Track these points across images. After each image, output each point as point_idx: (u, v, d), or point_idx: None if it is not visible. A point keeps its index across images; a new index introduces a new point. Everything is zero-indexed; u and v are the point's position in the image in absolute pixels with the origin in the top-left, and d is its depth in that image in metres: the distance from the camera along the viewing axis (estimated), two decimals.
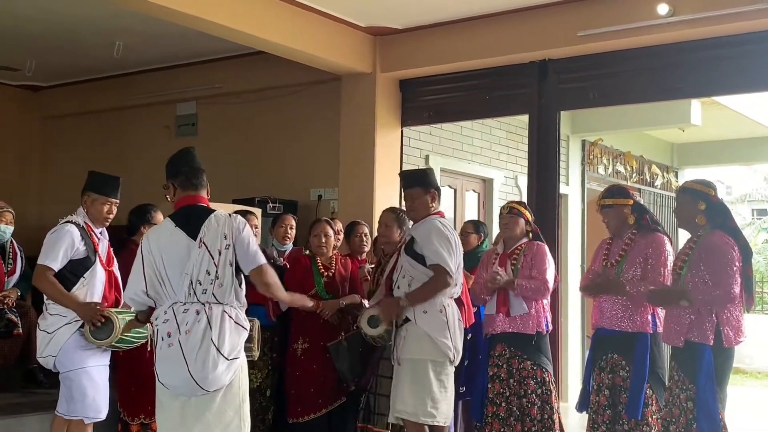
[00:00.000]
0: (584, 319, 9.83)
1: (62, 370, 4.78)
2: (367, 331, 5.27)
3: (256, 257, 4.08)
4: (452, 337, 5.02)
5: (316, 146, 8.43)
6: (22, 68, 9.31)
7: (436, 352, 4.99)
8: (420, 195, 5.23)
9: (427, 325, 4.99)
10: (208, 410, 3.95)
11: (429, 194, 5.22)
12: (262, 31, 7.00)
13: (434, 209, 5.24)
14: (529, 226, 5.84)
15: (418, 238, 5.08)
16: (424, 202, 5.22)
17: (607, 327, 5.12)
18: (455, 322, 5.08)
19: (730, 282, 4.53)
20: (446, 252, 4.99)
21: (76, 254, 4.79)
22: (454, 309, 5.11)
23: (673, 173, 12.50)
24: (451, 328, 5.03)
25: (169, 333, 3.94)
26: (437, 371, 5.02)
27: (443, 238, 5.02)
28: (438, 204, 5.28)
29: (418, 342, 5.00)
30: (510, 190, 9.73)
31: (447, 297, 5.08)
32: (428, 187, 5.25)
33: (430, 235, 5.04)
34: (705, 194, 4.73)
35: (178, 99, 9.40)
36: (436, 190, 5.26)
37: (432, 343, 4.98)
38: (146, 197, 6.35)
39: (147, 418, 5.56)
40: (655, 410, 4.98)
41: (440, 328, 4.99)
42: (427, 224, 5.12)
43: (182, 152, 4.27)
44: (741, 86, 6.97)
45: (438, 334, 4.98)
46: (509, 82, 7.63)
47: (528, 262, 5.65)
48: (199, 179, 4.17)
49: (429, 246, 5.01)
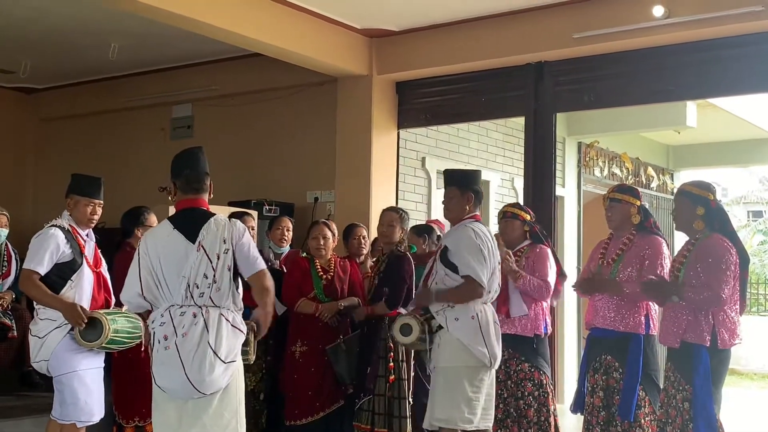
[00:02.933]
0: (581, 321, 9.83)
1: (55, 374, 4.77)
2: (399, 339, 5.18)
3: (256, 262, 4.08)
4: (487, 342, 4.89)
5: (313, 148, 8.43)
6: (16, 70, 9.28)
7: (469, 358, 4.88)
8: (456, 195, 5.08)
9: (460, 333, 4.88)
10: (204, 413, 3.95)
11: (465, 196, 5.06)
12: (258, 33, 7.00)
13: (469, 212, 5.07)
14: (527, 226, 5.79)
15: (451, 246, 4.97)
16: (460, 204, 5.07)
17: (600, 326, 5.11)
18: (490, 326, 4.94)
19: (721, 285, 4.51)
20: (476, 262, 4.85)
21: (62, 257, 4.77)
22: (488, 314, 4.98)
23: (669, 175, 12.51)
24: (485, 333, 4.90)
25: (165, 336, 3.93)
26: (471, 377, 4.89)
27: (473, 248, 4.88)
28: (475, 208, 5.10)
29: (451, 349, 4.90)
30: (506, 192, 9.74)
31: (480, 303, 4.96)
32: (465, 188, 5.08)
33: (460, 244, 4.92)
34: (704, 199, 4.70)
35: (173, 101, 9.39)
36: (474, 193, 5.08)
37: (465, 350, 4.87)
38: (142, 199, 6.34)
39: (142, 420, 5.55)
40: (648, 412, 4.98)
41: (473, 334, 4.87)
42: (459, 232, 4.99)
43: (187, 153, 4.24)
44: (737, 88, 7.00)
45: (471, 340, 4.86)
46: (505, 84, 7.64)
47: (530, 265, 5.61)
48: (200, 183, 4.14)
49: (460, 257, 4.89)
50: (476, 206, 5.11)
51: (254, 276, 4.07)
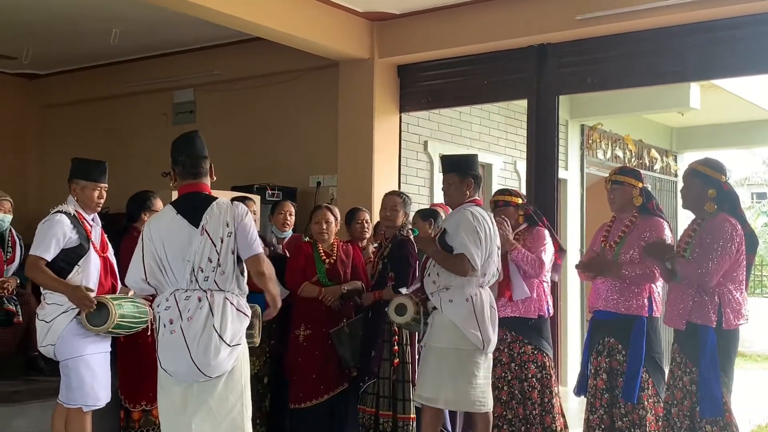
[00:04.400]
0: (583, 303, 9.85)
1: (61, 359, 4.79)
2: (394, 319, 5.28)
3: (254, 245, 4.08)
4: (481, 326, 4.93)
5: (315, 133, 8.42)
6: (18, 56, 9.26)
7: (461, 341, 4.93)
8: (455, 181, 5.13)
9: (453, 314, 4.93)
10: (210, 396, 3.97)
11: (465, 181, 5.11)
12: (259, 17, 6.98)
13: (469, 197, 5.12)
14: (521, 209, 5.77)
15: (449, 228, 5.03)
16: (459, 189, 5.12)
17: (603, 309, 5.11)
18: (485, 310, 4.98)
19: (709, 263, 4.47)
20: (472, 243, 4.89)
21: (68, 243, 4.78)
22: (484, 298, 5.01)
23: (672, 157, 12.48)
24: (480, 317, 4.94)
25: (171, 320, 3.96)
26: (462, 359, 4.94)
27: (470, 230, 4.93)
28: (475, 192, 5.15)
29: (443, 330, 4.97)
30: (509, 176, 9.72)
31: (475, 286, 4.99)
32: (464, 173, 5.12)
33: (458, 226, 4.97)
34: (717, 181, 4.65)
35: (175, 86, 9.38)
36: (473, 178, 5.13)
37: (457, 332, 4.92)
38: (145, 184, 6.35)
39: (148, 404, 5.57)
40: (651, 394, 4.98)
41: (466, 317, 4.92)
42: (458, 215, 5.05)
43: (182, 139, 4.24)
44: (740, 69, 6.96)
45: (464, 323, 4.91)
46: (508, 67, 7.60)
47: (525, 246, 5.62)
48: (197, 168, 4.15)
49: (456, 237, 4.94)
50: (476, 190, 5.15)
51: (250, 259, 4.08)
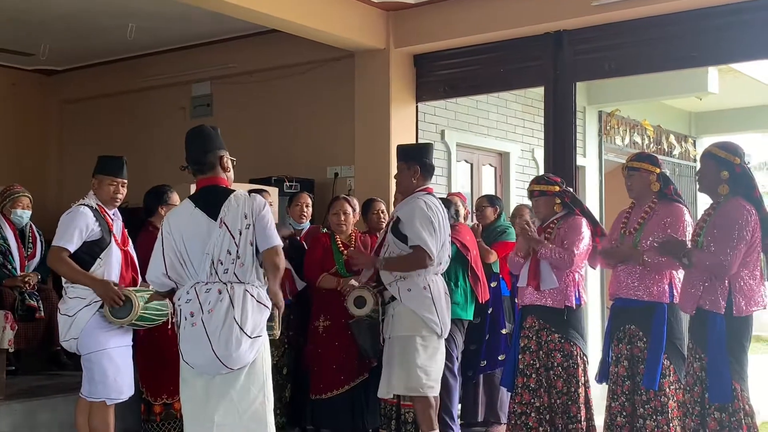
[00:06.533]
0: (604, 290, 9.81)
1: (84, 352, 4.82)
2: (353, 311, 5.33)
3: (271, 238, 4.09)
4: (439, 312, 5.10)
5: (332, 124, 8.42)
6: (36, 52, 9.32)
7: (422, 328, 5.09)
8: (402, 169, 5.23)
9: (413, 303, 5.07)
10: (232, 388, 3.99)
11: (411, 169, 5.17)
12: (275, 9, 6.97)
13: (418, 186, 5.18)
14: (557, 198, 5.51)
15: (403, 217, 5.09)
16: (406, 177, 5.21)
17: (624, 296, 5.08)
18: (441, 297, 5.14)
19: (726, 251, 4.41)
20: (427, 233, 4.98)
21: (91, 235, 4.82)
22: (439, 285, 5.17)
23: (691, 142, 12.41)
24: (437, 303, 5.10)
25: (192, 313, 3.97)
26: (425, 345, 5.11)
27: (425, 219, 5.01)
28: (424, 180, 5.20)
29: (405, 319, 5.10)
30: (527, 164, 9.69)
31: (431, 274, 5.13)
32: (409, 161, 5.19)
33: (413, 215, 5.03)
34: (730, 162, 4.58)
35: (192, 80, 9.41)
36: (419, 166, 5.16)
37: (418, 320, 5.07)
38: (163, 178, 6.37)
39: (169, 397, 5.61)
40: (673, 381, 4.94)
41: (425, 304, 5.07)
42: (411, 204, 5.10)
43: (187, 136, 4.25)
44: (759, 53, 6.89)
45: (424, 310, 5.06)
46: (524, 54, 7.57)
47: (560, 235, 5.43)
48: (203, 163, 4.14)
49: (411, 227, 5.01)
50: (425, 178, 5.22)
51: (268, 251, 4.08)
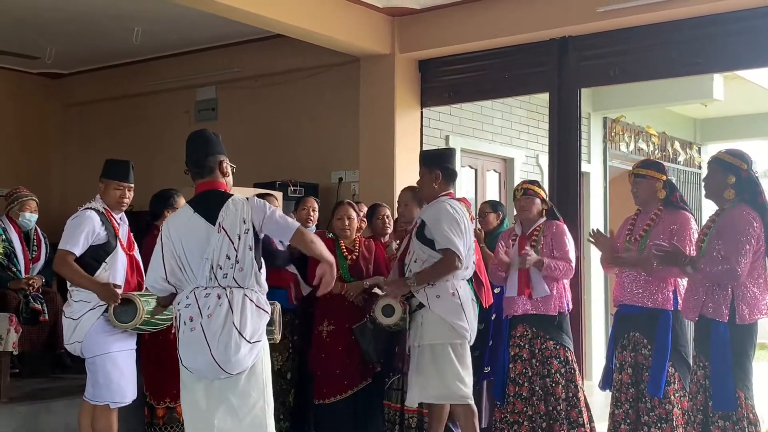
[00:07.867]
0: (607, 297, 9.79)
1: (88, 356, 4.83)
2: (381, 320, 5.29)
3: (289, 226, 4.07)
4: (467, 318, 5.09)
5: (336, 129, 8.43)
6: (42, 56, 9.33)
7: (453, 334, 5.06)
8: (423, 174, 5.25)
9: (442, 310, 5.04)
10: (231, 393, 3.98)
11: (432, 174, 5.20)
12: (280, 14, 6.99)
13: (441, 191, 5.20)
14: (545, 204, 5.78)
15: (428, 222, 5.08)
16: (427, 183, 5.23)
17: (628, 303, 5.08)
18: (468, 302, 5.13)
19: (738, 259, 4.39)
20: (456, 236, 4.97)
21: (97, 239, 4.83)
22: (466, 290, 5.15)
23: (696, 149, 12.38)
24: (466, 309, 5.08)
25: (191, 317, 3.97)
26: (457, 353, 5.08)
27: (452, 222, 5.01)
28: (446, 185, 5.23)
29: (436, 326, 5.06)
30: (531, 170, 9.68)
31: (459, 279, 5.12)
32: (430, 167, 5.22)
33: (439, 219, 5.03)
34: (736, 168, 4.58)
35: (197, 84, 9.42)
36: (441, 171, 5.20)
37: (449, 327, 5.04)
38: (168, 182, 6.38)
39: (172, 401, 5.61)
40: (677, 388, 4.94)
41: (455, 311, 5.04)
42: (436, 207, 5.11)
43: (188, 139, 4.24)
44: (764, 60, 6.87)
45: (454, 317, 5.04)
46: (529, 60, 7.57)
47: (548, 243, 5.60)
48: (203, 166, 4.12)
49: (438, 230, 5.00)
50: (447, 184, 5.25)
51: (294, 238, 4.07)
